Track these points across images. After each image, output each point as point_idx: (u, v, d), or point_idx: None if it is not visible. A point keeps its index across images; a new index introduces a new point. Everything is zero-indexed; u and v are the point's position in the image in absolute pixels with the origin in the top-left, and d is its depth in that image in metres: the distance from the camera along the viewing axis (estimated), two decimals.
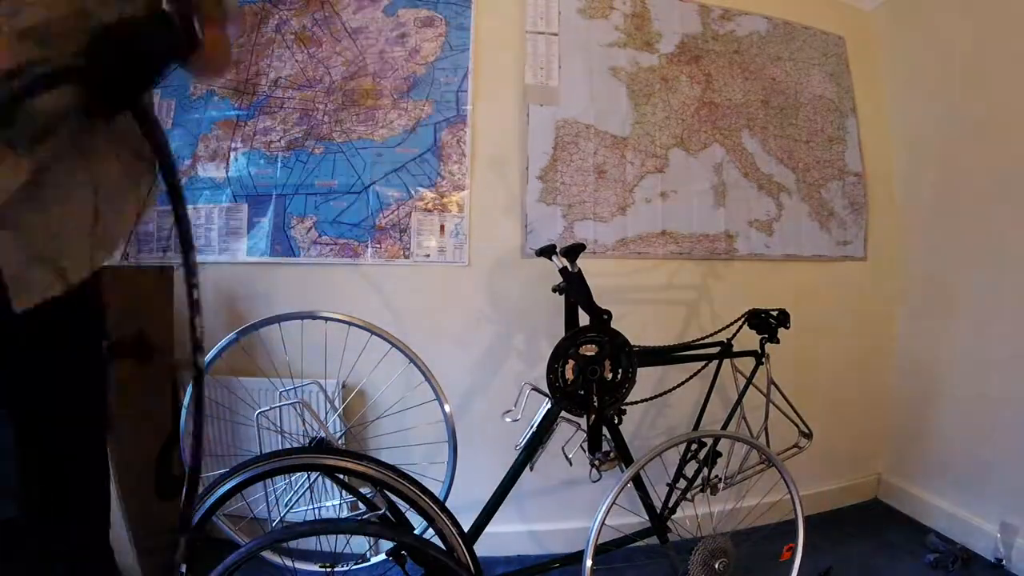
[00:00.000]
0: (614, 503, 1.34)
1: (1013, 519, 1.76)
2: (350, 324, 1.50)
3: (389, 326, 1.88)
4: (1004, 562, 1.74)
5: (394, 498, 1.29)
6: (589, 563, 1.31)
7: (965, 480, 1.96)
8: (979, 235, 1.95)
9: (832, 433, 2.17)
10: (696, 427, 1.71)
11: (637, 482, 1.50)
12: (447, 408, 1.52)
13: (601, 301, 1.52)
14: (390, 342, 1.50)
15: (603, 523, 1.33)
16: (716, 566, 1.38)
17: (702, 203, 2.06)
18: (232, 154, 1.93)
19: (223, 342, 1.46)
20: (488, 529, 1.44)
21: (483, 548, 1.52)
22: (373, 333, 1.50)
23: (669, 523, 1.55)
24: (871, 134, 2.29)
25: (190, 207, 1.94)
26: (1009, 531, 1.75)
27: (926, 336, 2.18)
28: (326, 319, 1.51)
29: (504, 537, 1.84)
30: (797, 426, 1.80)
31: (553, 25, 2.00)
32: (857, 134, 2.27)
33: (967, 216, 1.99)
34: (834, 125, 2.25)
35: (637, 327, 1.76)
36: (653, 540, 1.55)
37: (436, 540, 1.26)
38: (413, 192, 1.90)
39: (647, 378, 1.66)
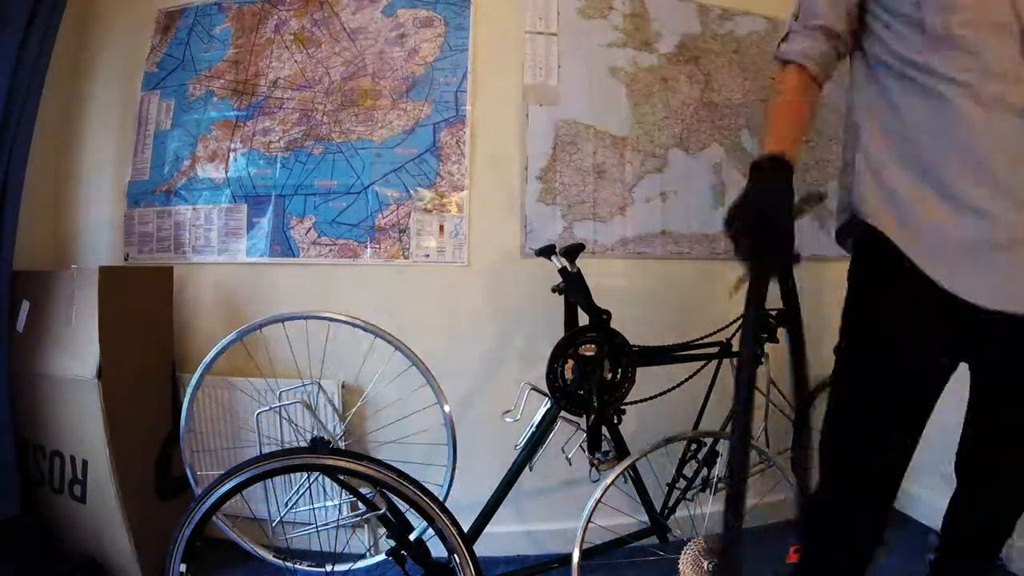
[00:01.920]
0: (601, 500, 1.32)
1: None
2: (353, 324, 1.49)
3: (388, 326, 1.89)
4: (1004, 562, 1.74)
5: (394, 498, 1.29)
6: (576, 558, 1.30)
7: None
8: None
9: None
10: (695, 427, 1.71)
11: (638, 483, 1.50)
12: (447, 409, 1.52)
13: (601, 301, 1.52)
14: (391, 343, 1.49)
15: (590, 518, 1.31)
16: (706, 567, 1.37)
17: (702, 203, 2.06)
18: (231, 155, 1.94)
19: (224, 342, 1.46)
20: (489, 529, 1.45)
21: (483, 548, 1.51)
22: (376, 334, 1.49)
23: (671, 524, 1.54)
24: None
25: (190, 207, 1.96)
26: None
27: None
28: (330, 319, 1.51)
29: (504, 537, 1.84)
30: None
31: (552, 25, 2.00)
32: None
33: None
34: (833, 125, 2.25)
35: (637, 327, 1.76)
36: (654, 541, 1.56)
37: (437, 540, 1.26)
38: (412, 192, 1.90)
39: (650, 379, 1.66)
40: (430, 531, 1.25)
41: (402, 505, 1.28)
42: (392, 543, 1.35)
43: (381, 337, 1.49)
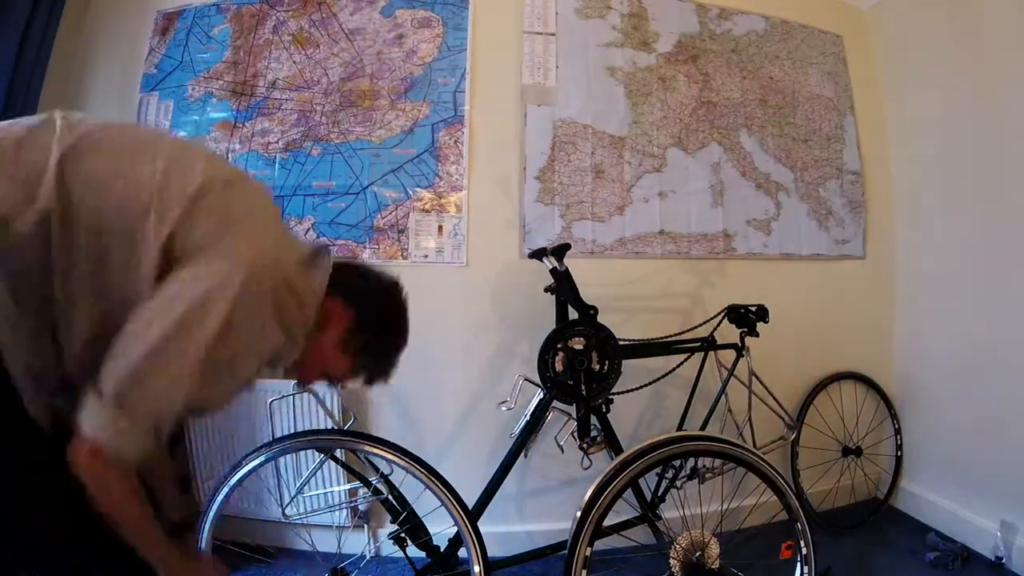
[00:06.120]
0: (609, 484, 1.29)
1: (1013, 518, 1.75)
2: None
3: None
4: (1004, 561, 1.74)
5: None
6: (586, 552, 1.26)
7: (965, 478, 1.96)
8: (979, 233, 1.94)
9: (830, 431, 2.17)
10: (681, 423, 1.74)
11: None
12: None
13: (600, 301, 1.54)
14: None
15: (592, 497, 1.27)
16: (694, 559, 1.37)
17: (700, 202, 2.06)
18: (230, 156, 1.93)
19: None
20: (489, 530, 1.45)
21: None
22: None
23: (662, 524, 1.55)
24: (869, 132, 2.29)
25: None
26: (1009, 530, 1.75)
27: (925, 335, 2.17)
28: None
29: (505, 537, 1.84)
30: (781, 418, 1.81)
31: (550, 25, 2.00)
32: (855, 132, 2.27)
33: (966, 214, 1.99)
34: (832, 124, 2.25)
35: (635, 325, 1.77)
36: (650, 541, 1.57)
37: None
38: (411, 193, 1.90)
39: (648, 376, 1.67)
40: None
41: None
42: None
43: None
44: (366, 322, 0.96)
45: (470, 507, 1.42)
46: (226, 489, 1.36)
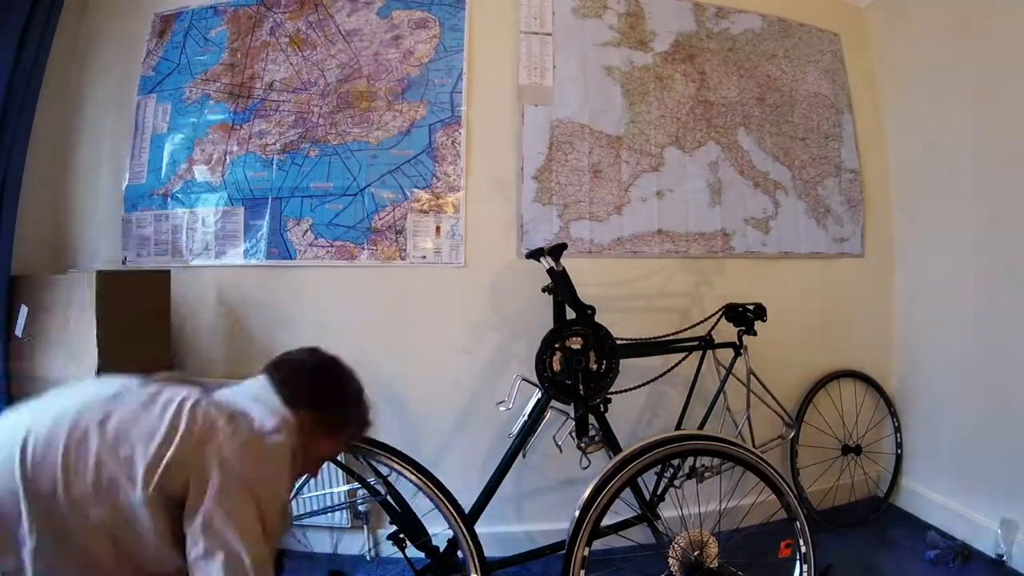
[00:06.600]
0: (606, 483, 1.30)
1: (1013, 515, 1.75)
2: None
3: (386, 327, 1.90)
4: (1005, 558, 1.74)
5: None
6: (584, 552, 1.27)
7: (965, 476, 1.96)
8: (977, 230, 1.94)
9: (829, 429, 2.16)
10: (680, 422, 1.74)
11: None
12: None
13: (598, 300, 1.54)
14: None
15: (590, 497, 1.29)
16: (693, 559, 1.37)
17: (698, 201, 2.06)
18: (228, 158, 1.94)
19: None
20: (489, 530, 1.45)
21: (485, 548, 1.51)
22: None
23: (661, 524, 1.55)
24: (867, 130, 2.29)
25: (187, 210, 1.95)
26: (1009, 527, 1.74)
27: (925, 333, 2.17)
28: None
29: (504, 537, 1.84)
30: (780, 417, 1.81)
31: (547, 25, 2.00)
32: (853, 130, 2.27)
33: (965, 211, 1.98)
34: (830, 122, 2.25)
35: (633, 324, 1.76)
36: (649, 541, 1.56)
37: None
38: (408, 193, 1.90)
39: (646, 375, 1.67)
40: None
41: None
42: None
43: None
44: (325, 404, 1.03)
45: (468, 508, 1.41)
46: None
